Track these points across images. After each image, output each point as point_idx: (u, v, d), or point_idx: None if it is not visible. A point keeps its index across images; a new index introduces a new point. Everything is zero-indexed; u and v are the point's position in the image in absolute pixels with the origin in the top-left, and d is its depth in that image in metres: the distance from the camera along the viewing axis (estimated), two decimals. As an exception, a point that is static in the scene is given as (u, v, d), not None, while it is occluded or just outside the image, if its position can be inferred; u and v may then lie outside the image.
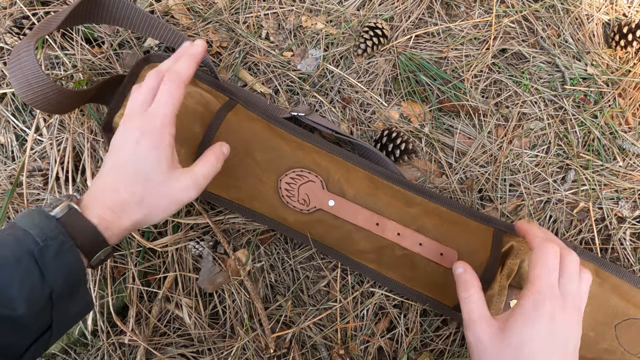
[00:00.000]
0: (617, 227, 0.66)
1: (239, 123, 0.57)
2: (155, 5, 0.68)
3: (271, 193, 0.58)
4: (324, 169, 0.58)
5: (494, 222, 0.59)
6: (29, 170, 0.63)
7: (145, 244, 0.62)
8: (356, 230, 0.57)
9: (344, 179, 0.58)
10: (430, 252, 0.56)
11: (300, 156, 0.58)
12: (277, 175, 0.57)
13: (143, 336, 0.63)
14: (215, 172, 0.49)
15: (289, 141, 0.59)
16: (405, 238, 0.56)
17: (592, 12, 0.73)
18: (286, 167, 0.57)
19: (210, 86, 0.61)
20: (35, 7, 0.66)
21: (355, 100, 0.68)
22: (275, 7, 0.70)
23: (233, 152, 0.55)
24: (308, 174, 0.57)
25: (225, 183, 0.58)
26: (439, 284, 0.57)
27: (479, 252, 0.55)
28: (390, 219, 0.57)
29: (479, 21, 0.72)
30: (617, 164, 0.68)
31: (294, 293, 0.65)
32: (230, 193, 0.59)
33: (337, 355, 0.63)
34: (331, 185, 0.57)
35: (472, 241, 0.56)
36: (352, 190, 0.57)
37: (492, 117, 0.69)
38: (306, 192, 0.57)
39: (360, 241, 0.58)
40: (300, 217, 0.58)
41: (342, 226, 0.57)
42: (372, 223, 0.57)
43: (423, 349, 0.64)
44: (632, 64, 0.72)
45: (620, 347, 0.57)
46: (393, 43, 0.70)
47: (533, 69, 0.71)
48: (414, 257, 0.57)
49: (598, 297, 0.57)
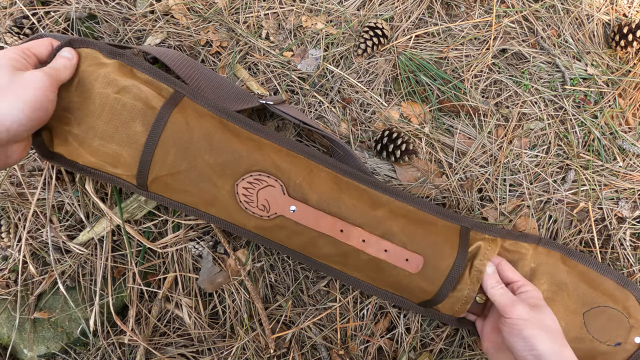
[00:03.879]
0: (617, 228, 0.66)
1: (187, 122, 0.52)
2: (156, 5, 0.68)
3: (228, 199, 0.54)
4: (284, 172, 0.54)
5: (460, 220, 0.58)
6: (29, 170, 0.63)
7: (145, 243, 0.63)
8: (320, 237, 0.54)
9: (306, 183, 0.54)
10: (395, 258, 0.54)
11: (258, 158, 0.53)
12: (233, 179, 0.53)
13: (143, 336, 0.63)
14: (71, 65, 0.50)
15: (245, 140, 0.54)
16: (370, 245, 0.54)
17: (592, 12, 0.73)
18: (243, 171, 0.53)
19: (151, 76, 0.55)
20: (36, 7, 0.66)
21: (355, 100, 0.68)
22: (275, 7, 0.70)
23: (183, 154, 0.52)
24: (267, 177, 0.53)
25: (176, 189, 0.54)
26: (404, 285, 0.56)
27: (445, 255, 0.55)
28: (355, 224, 0.54)
29: (479, 21, 0.72)
30: (617, 164, 0.68)
31: (294, 293, 0.65)
32: (181, 197, 0.55)
33: (337, 355, 0.63)
34: (292, 190, 0.54)
35: (439, 243, 0.55)
36: (315, 195, 0.54)
37: (492, 117, 0.69)
38: (266, 197, 0.53)
39: (324, 247, 0.55)
40: (261, 223, 0.55)
41: (305, 232, 0.54)
42: (336, 230, 0.54)
43: (423, 349, 0.64)
44: (632, 64, 0.72)
45: (589, 334, 0.58)
46: (393, 43, 0.70)
47: (533, 69, 0.71)
48: (379, 262, 0.55)
49: (568, 285, 0.58)
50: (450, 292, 0.55)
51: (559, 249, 0.60)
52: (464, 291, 0.55)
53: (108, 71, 0.52)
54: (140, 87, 0.52)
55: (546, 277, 0.58)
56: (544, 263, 0.59)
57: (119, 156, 0.52)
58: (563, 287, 0.58)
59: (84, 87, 0.51)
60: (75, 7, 0.66)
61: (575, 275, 0.59)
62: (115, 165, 0.53)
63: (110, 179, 0.56)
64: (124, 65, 0.54)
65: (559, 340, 0.50)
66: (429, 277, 0.54)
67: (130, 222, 0.63)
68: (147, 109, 0.52)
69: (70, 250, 0.63)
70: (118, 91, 0.52)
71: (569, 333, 0.57)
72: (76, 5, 0.66)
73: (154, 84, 0.54)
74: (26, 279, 0.63)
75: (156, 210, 0.64)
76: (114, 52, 0.54)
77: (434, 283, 0.55)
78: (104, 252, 0.63)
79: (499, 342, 0.54)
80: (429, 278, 0.55)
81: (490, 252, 0.55)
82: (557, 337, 0.50)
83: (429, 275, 0.54)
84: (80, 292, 0.64)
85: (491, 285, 0.54)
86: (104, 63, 0.53)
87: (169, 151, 0.52)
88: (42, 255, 0.64)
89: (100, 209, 0.62)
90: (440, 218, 0.58)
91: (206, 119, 0.54)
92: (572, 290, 0.58)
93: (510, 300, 0.52)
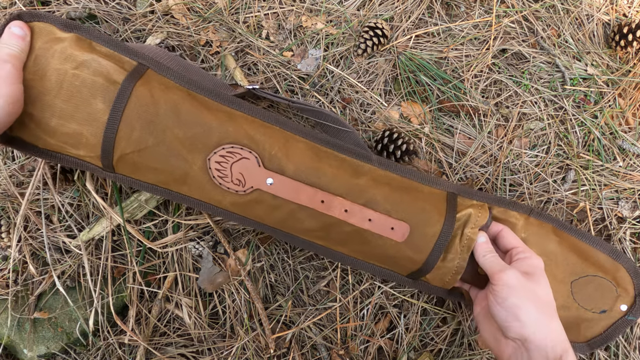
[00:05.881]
0: (617, 227, 0.66)
1: (152, 94, 0.50)
2: (156, 5, 0.68)
3: (200, 174, 0.51)
4: (259, 143, 0.51)
5: (446, 186, 0.56)
6: (29, 170, 0.63)
7: (145, 243, 0.63)
8: (300, 209, 0.52)
9: (283, 153, 0.52)
10: (380, 227, 0.52)
11: (230, 129, 0.51)
12: (205, 153, 0.50)
13: (143, 336, 0.63)
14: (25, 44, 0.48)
15: (216, 111, 0.52)
16: (353, 215, 0.52)
17: (592, 12, 0.73)
18: (214, 144, 0.50)
19: (112, 48, 0.52)
20: (35, 7, 0.66)
21: (355, 100, 0.68)
22: (275, 7, 0.70)
23: (150, 128, 0.49)
24: (240, 150, 0.50)
25: (145, 167, 0.51)
26: (391, 255, 0.54)
27: (432, 221, 0.52)
28: (336, 194, 0.52)
29: (479, 21, 0.72)
30: (617, 164, 0.68)
31: (294, 293, 0.65)
32: (151, 177, 0.53)
33: (337, 355, 0.63)
34: (268, 162, 0.51)
35: (425, 209, 0.53)
36: (292, 166, 0.51)
37: (492, 117, 0.69)
38: (240, 170, 0.51)
39: (305, 220, 0.53)
40: (237, 199, 0.52)
41: (284, 206, 0.52)
42: (316, 201, 0.51)
43: (423, 349, 0.64)
44: (632, 64, 0.72)
45: (575, 302, 0.57)
46: (393, 43, 0.70)
47: (533, 69, 0.71)
48: (364, 233, 0.53)
49: (557, 255, 0.57)
50: (440, 262, 0.53)
51: (552, 221, 0.59)
52: (455, 261, 0.53)
53: (65, 46, 0.49)
54: (100, 61, 0.50)
55: (536, 247, 0.57)
56: (535, 234, 0.58)
57: (81, 136, 0.50)
58: (552, 257, 0.57)
59: (39, 65, 0.49)
60: (75, 7, 0.66)
61: (566, 247, 0.58)
62: (77, 146, 0.51)
63: (74, 161, 0.53)
64: (82, 38, 0.51)
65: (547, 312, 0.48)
66: (416, 245, 0.52)
67: (130, 221, 0.63)
68: (109, 84, 0.49)
69: (70, 250, 0.63)
70: (76, 67, 0.49)
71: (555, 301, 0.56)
72: (76, 5, 0.66)
73: (115, 57, 0.51)
74: (26, 279, 0.63)
75: (156, 210, 0.64)
76: (70, 25, 0.51)
77: (421, 251, 0.52)
78: (103, 252, 0.63)
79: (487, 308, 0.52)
80: (416, 246, 0.52)
81: (481, 219, 0.53)
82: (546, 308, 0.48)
83: (416, 243, 0.52)
84: (80, 292, 0.64)
85: (482, 254, 0.52)
86: (59, 38, 0.50)
87: (133, 126, 0.49)
88: (42, 255, 0.64)
89: (101, 208, 0.62)
90: (425, 184, 0.56)
91: (172, 91, 0.51)
92: (561, 260, 0.57)
93: (500, 266, 0.50)
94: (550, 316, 0.48)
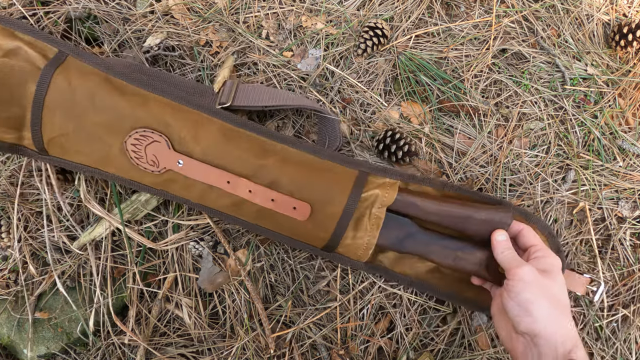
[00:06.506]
0: (617, 227, 0.66)
1: (69, 81, 0.53)
2: (156, 5, 0.68)
3: (120, 155, 0.55)
4: (170, 127, 0.54)
5: (358, 165, 0.58)
6: (29, 171, 0.63)
7: (145, 243, 0.63)
8: (210, 189, 0.55)
9: (190, 136, 0.55)
10: (283, 207, 0.55)
11: (141, 115, 0.54)
12: (122, 136, 0.54)
13: (143, 336, 0.63)
14: None
15: (130, 96, 0.55)
16: (256, 195, 0.54)
17: (592, 12, 0.73)
18: (128, 128, 0.54)
19: (34, 36, 0.55)
20: (35, 7, 0.66)
21: (355, 100, 0.68)
22: (275, 7, 0.70)
23: (68, 114, 0.53)
24: (152, 133, 0.54)
25: (72, 150, 0.55)
26: (300, 232, 0.57)
27: (334, 201, 0.54)
28: (241, 175, 0.54)
29: (479, 21, 0.72)
30: (617, 164, 0.68)
31: (293, 293, 0.65)
32: (79, 158, 0.56)
33: (337, 355, 0.63)
34: (177, 144, 0.54)
35: (328, 189, 0.55)
36: (199, 148, 0.54)
37: (492, 117, 0.69)
38: (153, 152, 0.54)
39: (218, 198, 0.56)
40: (154, 179, 0.56)
41: (196, 185, 0.55)
42: (223, 181, 0.54)
43: (423, 349, 0.64)
44: (632, 64, 0.72)
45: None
46: (393, 43, 0.70)
47: (533, 69, 0.71)
48: (269, 211, 0.55)
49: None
50: (350, 239, 0.55)
51: (465, 192, 0.60)
52: (365, 238, 0.55)
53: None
54: (25, 49, 0.53)
55: None
56: None
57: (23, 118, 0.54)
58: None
59: None
60: (75, 7, 0.66)
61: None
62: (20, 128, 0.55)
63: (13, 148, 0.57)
64: (4, 28, 0.54)
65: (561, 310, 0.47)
66: (319, 224, 0.55)
67: (130, 222, 0.63)
68: (35, 69, 0.53)
69: (70, 251, 0.63)
70: (4, 55, 0.53)
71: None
72: (76, 5, 0.66)
73: (37, 45, 0.55)
74: (26, 279, 0.63)
75: (156, 212, 0.64)
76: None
77: (326, 230, 0.55)
78: (103, 252, 0.63)
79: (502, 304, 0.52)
80: (320, 225, 0.55)
81: (389, 198, 0.55)
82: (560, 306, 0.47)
83: (319, 222, 0.55)
84: (80, 292, 0.64)
85: (500, 251, 0.52)
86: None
87: (54, 113, 0.53)
88: (42, 255, 0.64)
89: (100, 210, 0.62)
90: (338, 164, 0.57)
91: (89, 77, 0.54)
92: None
93: (517, 262, 0.50)
94: (563, 314, 0.47)
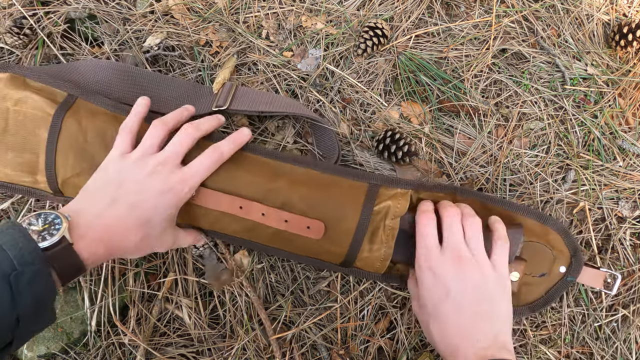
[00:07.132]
0: (617, 227, 0.66)
1: (80, 123, 0.55)
2: (156, 5, 0.68)
3: None
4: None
5: (367, 177, 0.57)
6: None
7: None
8: (223, 215, 0.56)
9: None
10: (296, 227, 0.55)
11: None
12: None
13: (143, 336, 0.63)
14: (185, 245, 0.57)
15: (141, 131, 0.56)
16: (270, 218, 0.55)
17: (592, 12, 0.73)
18: None
19: (44, 82, 0.58)
20: (35, 7, 0.66)
21: (355, 100, 0.68)
22: (275, 7, 0.70)
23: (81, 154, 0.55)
24: None
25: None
26: (315, 250, 0.57)
27: (347, 217, 0.55)
28: (253, 199, 0.55)
29: (479, 21, 0.72)
30: (617, 164, 0.68)
31: (294, 293, 0.65)
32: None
33: (337, 355, 0.63)
34: None
35: (342, 205, 0.55)
36: (211, 177, 0.55)
37: (492, 117, 0.69)
38: None
39: (231, 224, 0.56)
40: None
41: (209, 213, 0.56)
42: (235, 207, 0.55)
43: (423, 349, 0.64)
44: (632, 64, 0.72)
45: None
46: (393, 43, 0.70)
47: (533, 69, 0.71)
48: (284, 233, 0.56)
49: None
50: (367, 252, 0.56)
51: (477, 196, 0.60)
52: (382, 250, 0.55)
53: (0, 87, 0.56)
54: (34, 97, 0.56)
55: None
56: None
57: (36, 163, 0.56)
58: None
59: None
60: (75, 7, 0.66)
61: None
62: (34, 172, 0.57)
63: (28, 190, 0.59)
64: (16, 76, 0.58)
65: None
66: (335, 241, 0.55)
67: (130, 222, 0.63)
68: (47, 115, 0.55)
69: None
70: (15, 103, 0.56)
71: None
72: (76, 5, 0.66)
73: (46, 90, 0.57)
74: (26, 279, 0.63)
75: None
76: (3, 66, 0.58)
77: (341, 245, 0.55)
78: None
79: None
80: (335, 242, 0.55)
81: (401, 209, 0.55)
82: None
83: (334, 239, 0.55)
84: (80, 292, 0.64)
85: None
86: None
87: (67, 155, 0.55)
88: (42, 255, 0.64)
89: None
90: (348, 178, 0.57)
91: (99, 117, 0.56)
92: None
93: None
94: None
